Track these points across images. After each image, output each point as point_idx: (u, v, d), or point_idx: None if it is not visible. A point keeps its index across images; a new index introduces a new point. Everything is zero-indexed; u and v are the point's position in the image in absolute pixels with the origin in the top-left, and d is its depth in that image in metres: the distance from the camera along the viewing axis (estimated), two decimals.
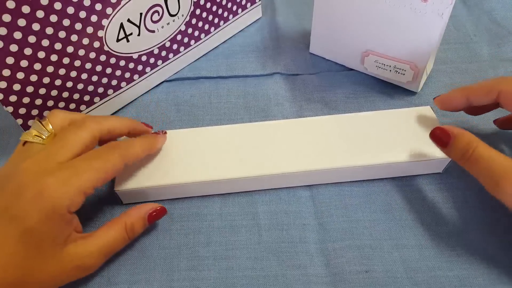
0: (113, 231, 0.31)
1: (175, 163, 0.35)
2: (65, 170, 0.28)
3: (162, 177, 0.34)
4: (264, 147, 0.36)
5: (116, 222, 0.32)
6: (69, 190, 0.27)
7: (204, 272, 0.32)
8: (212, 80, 0.45)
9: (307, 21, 0.47)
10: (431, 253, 0.33)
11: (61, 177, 0.28)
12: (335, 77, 0.45)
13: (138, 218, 0.32)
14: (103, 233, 0.31)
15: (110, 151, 0.30)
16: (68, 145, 0.29)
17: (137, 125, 0.35)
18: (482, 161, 0.30)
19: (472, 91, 0.35)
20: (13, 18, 0.30)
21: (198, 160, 0.35)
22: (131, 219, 0.32)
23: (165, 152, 0.36)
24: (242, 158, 0.35)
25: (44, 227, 0.27)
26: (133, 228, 0.32)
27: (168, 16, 0.40)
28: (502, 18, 0.49)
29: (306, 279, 0.32)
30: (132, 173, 0.35)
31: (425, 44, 0.38)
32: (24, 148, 0.30)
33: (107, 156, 0.30)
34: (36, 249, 0.27)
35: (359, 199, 0.36)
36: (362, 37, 0.41)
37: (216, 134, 0.37)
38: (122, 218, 0.32)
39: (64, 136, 0.30)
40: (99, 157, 0.30)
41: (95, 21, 0.35)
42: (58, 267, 0.28)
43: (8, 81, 0.33)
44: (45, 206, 0.27)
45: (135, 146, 0.32)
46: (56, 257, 0.28)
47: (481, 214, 0.34)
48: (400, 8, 0.37)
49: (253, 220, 0.35)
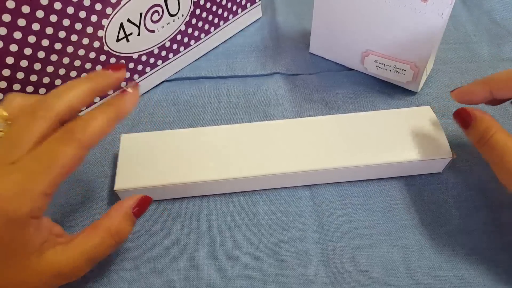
0: (95, 236, 0.28)
1: (175, 163, 0.35)
2: (16, 174, 0.24)
3: (162, 177, 0.34)
4: (264, 147, 0.36)
5: (96, 226, 0.28)
6: (25, 196, 0.24)
7: (204, 272, 0.32)
8: (212, 80, 0.45)
9: (307, 21, 0.47)
10: (431, 253, 0.33)
11: (12, 183, 0.24)
12: (335, 77, 0.45)
13: (122, 218, 0.29)
14: (84, 238, 0.28)
15: (63, 141, 0.25)
16: (20, 142, 0.25)
17: (102, 82, 0.28)
18: (497, 149, 0.29)
19: (496, 84, 0.31)
20: (13, 18, 0.30)
21: (198, 160, 0.35)
22: (114, 222, 0.28)
23: (165, 152, 0.36)
24: (242, 158, 0.35)
25: (5, 239, 0.24)
26: (120, 230, 0.29)
27: (168, 16, 0.40)
28: (502, 18, 0.49)
29: (306, 279, 0.32)
30: (132, 173, 0.35)
31: (425, 44, 0.38)
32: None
33: (60, 148, 0.25)
34: (5, 262, 0.25)
35: (359, 199, 0.36)
36: (362, 37, 0.41)
37: (216, 134, 0.37)
38: (103, 223, 0.28)
39: (16, 131, 0.26)
40: (51, 152, 0.25)
41: (95, 21, 0.35)
42: (35, 277, 0.26)
43: (8, 81, 0.33)
44: (1, 218, 0.24)
45: (96, 120, 0.26)
46: (32, 267, 0.26)
47: (481, 214, 0.34)
48: (400, 8, 0.37)
49: (253, 220, 0.35)
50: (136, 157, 0.36)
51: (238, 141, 0.36)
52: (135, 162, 0.35)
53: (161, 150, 0.36)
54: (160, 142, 0.37)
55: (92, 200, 0.36)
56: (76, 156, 0.26)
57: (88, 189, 0.37)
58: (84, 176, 0.38)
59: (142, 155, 0.36)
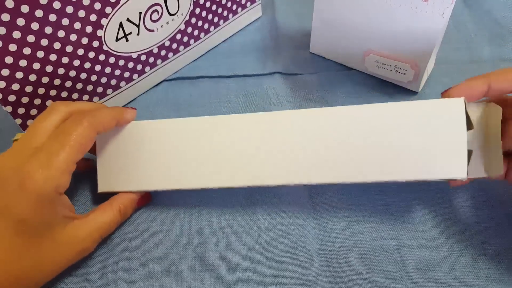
0: (107, 214, 0.32)
1: (161, 163, 0.33)
2: (40, 154, 0.27)
3: (147, 181, 0.33)
4: (263, 149, 0.32)
5: (109, 205, 0.32)
6: (51, 172, 0.27)
7: (203, 273, 0.32)
8: (212, 80, 0.45)
9: (307, 21, 0.46)
10: (431, 253, 0.32)
11: (38, 161, 0.27)
12: (336, 77, 0.45)
13: (130, 202, 0.34)
14: (98, 215, 0.31)
15: (77, 122, 0.29)
16: (42, 129, 0.29)
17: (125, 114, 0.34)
18: None
19: (495, 76, 0.29)
20: (12, 17, 0.30)
21: (187, 160, 0.33)
22: (125, 203, 0.33)
23: (151, 147, 0.34)
24: (238, 163, 0.32)
25: (36, 215, 0.27)
26: (126, 211, 0.33)
27: (168, 15, 0.40)
28: (503, 17, 0.49)
29: (306, 280, 0.32)
30: (116, 175, 0.34)
31: (426, 44, 0.38)
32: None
33: (73, 127, 0.29)
34: (35, 237, 0.27)
35: (359, 199, 0.36)
36: (363, 36, 0.41)
37: (205, 125, 0.33)
38: (115, 201, 0.33)
39: (37, 121, 0.30)
40: (69, 131, 0.29)
41: (94, 21, 0.35)
42: (58, 252, 0.29)
43: (7, 80, 0.33)
44: (31, 194, 0.26)
45: (103, 112, 0.31)
46: (56, 241, 0.28)
47: (481, 214, 0.34)
48: (400, 7, 0.37)
49: (252, 220, 0.35)
50: (117, 155, 0.34)
51: (234, 138, 0.32)
52: (116, 160, 0.34)
53: (145, 145, 0.34)
54: (144, 135, 0.34)
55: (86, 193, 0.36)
56: (88, 134, 0.29)
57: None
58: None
59: (124, 152, 0.34)
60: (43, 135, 0.29)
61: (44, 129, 0.29)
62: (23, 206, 0.26)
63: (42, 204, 0.27)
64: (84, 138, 0.29)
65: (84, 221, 0.30)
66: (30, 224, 0.27)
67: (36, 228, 0.27)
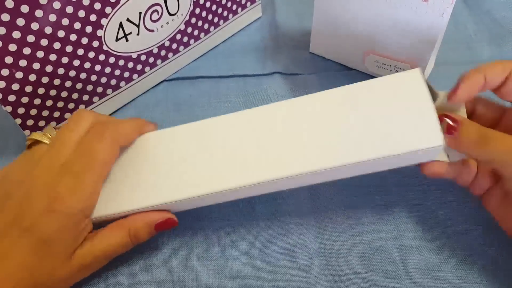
0: (116, 235, 0.29)
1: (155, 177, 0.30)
2: (68, 177, 0.27)
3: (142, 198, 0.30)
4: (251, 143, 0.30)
5: (120, 225, 0.30)
6: (80, 196, 0.27)
7: (203, 273, 0.32)
8: (212, 80, 0.45)
9: (307, 21, 0.46)
10: (430, 254, 0.32)
11: (65, 185, 0.27)
12: (335, 77, 0.45)
13: (144, 225, 0.30)
14: (107, 235, 0.29)
15: (100, 137, 0.28)
16: (68, 141, 0.28)
17: (146, 127, 0.33)
18: None
19: (490, 68, 0.29)
20: (12, 17, 0.30)
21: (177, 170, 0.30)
22: (136, 225, 0.30)
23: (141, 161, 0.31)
24: (231, 164, 0.30)
25: (59, 237, 0.27)
26: (137, 234, 0.30)
27: (168, 15, 0.40)
28: (503, 18, 0.49)
29: (305, 280, 0.32)
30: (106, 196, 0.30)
31: (426, 44, 0.38)
32: (32, 150, 0.30)
33: (97, 146, 0.28)
34: (50, 258, 0.27)
35: (359, 198, 0.36)
36: (363, 36, 0.41)
37: (198, 130, 0.32)
38: (127, 223, 0.30)
39: (63, 129, 0.29)
40: (91, 150, 0.28)
41: (94, 21, 0.35)
42: (67, 271, 0.28)
43: (7, 80, 0.33)
44: (59, 217, 0.26)
45: (125, 124, 0.30)
46: (67, 262, 0.28)
47: (481, 214, 0.34)
48: (400, 7, 0.37)
49: (252, 220, 0.35)
50: None
51: (224, 139, 0.31)
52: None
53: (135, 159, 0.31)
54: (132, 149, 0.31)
55: None
56: (112, 151, 0.29)
57: None
58: None
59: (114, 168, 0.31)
60: (71, 148, 0.28)
61: (72, 141, 0.29)
62: (48, 227, 0.26)
63: (68, 228, 0.27)
64: (108, 155, 0.29)
65: (91, 241, 0.29)
66: (50, 245, 0.27)
67: (54, 249, 0.27)
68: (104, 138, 0.28)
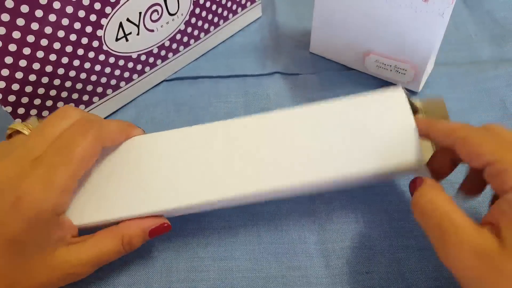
0: (108, 242, 0.28)
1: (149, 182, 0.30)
2: (39, 169, 0.25)
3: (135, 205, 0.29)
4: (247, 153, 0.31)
5: (112, 232, 0.28)
6: (50, 192, 0.25)
7: (203, 273, 0.32)
8: (212, 80, 0.45)
9: (307, 20, 0.46)
10: (431, 254, 0.32)
11: (36, 178, 0.25)
12: (335, 77, 0.45)
13: (138, 231, 0.29)
14: (97, 242, 0.28)
15: (82, 134, 0.27)
16: (45, 135, 0.27)
17: (133, 131, 0.32)
18: None
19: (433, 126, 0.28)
20: (12, 17, 0.30)
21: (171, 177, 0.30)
22: (130, 232, 0.28)
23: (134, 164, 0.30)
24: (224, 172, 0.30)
25: (28, 235, 0.25)
26: (131, 241, 0.29)
27: (168, 15, 0.40)
28: (503, 18, 0.49)
29: (305, 280, 0.32)
30: (94, 202, 0.29)
31: (426, 44, 0.38)
32: (10, 140, 0.28)
33: (77, 139, 0.26)
34: (22, 258, 0.25)
35: (359, 199, 0.36)
36: (363, 36, 0.41)
37: (192, 136, 0.31)
38: (120, 229, 0.29)
39: (42, 124, 0.27)
40: (72, 145, 0.26)
41: (94, 21, 0.35)
42: (46, 274, 0.26)
43: (7, 80, 0.33)
44: (26, 214, 0.24)
45: (111, 124, 0.29)
46: (45, 263, 0.26)
47: (481, 214, 0.34)
48: (400, 7, 0.37)
49: (252, 220, 0.35)
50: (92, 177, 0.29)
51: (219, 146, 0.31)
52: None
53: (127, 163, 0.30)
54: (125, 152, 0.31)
55: None
56: (92, 149, 0.27)
57: None
58: None
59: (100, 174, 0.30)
60: (48, 142, 0.26)
61: (52, 135, 0.27)
62: (15, 225, 0.24)
63: (36, 225, 0.25)
64: (88, 153, 0.27)
65: (79, 246, 0.27)
66: (20, 244, 0.25)
67: (26, 249, 0.25)
68: (87, 134, 0.27)
